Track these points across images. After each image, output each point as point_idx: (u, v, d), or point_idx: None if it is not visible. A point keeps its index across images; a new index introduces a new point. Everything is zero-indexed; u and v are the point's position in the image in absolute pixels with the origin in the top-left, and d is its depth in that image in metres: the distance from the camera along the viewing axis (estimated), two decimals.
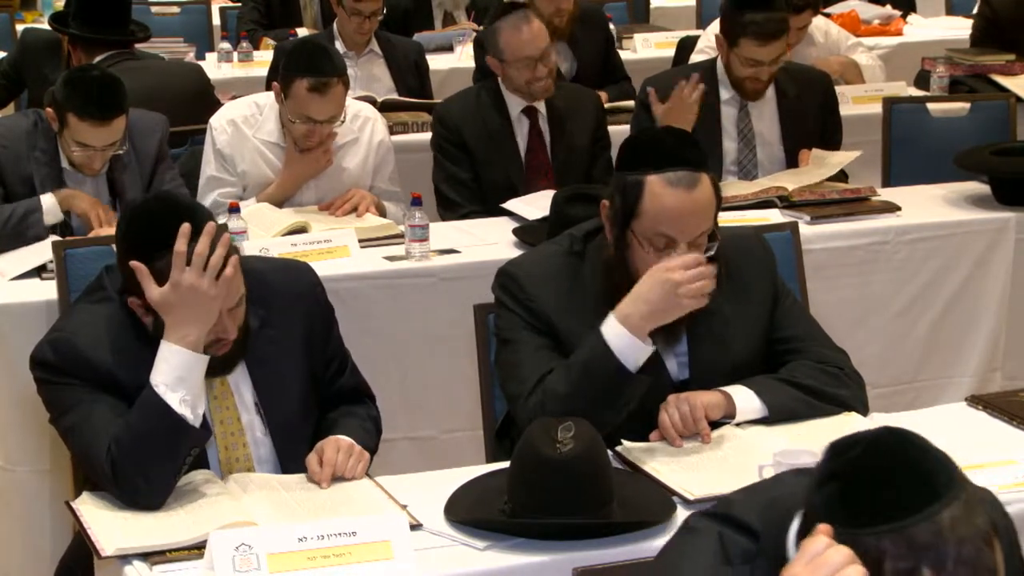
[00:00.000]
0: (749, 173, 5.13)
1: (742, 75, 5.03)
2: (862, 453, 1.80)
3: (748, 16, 4.94)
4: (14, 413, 4.01)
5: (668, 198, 3.02)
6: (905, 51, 7.59)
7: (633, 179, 3.05)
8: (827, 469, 1.81)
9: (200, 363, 2.87)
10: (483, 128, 5.01)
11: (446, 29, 7.82)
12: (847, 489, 1.78)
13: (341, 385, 3.22)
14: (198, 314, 2.86)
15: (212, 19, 8.44)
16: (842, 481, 1.79)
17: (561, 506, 2.67)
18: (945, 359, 4.88)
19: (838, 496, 1.78)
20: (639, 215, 3.05)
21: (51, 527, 4.04)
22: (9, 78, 6.40)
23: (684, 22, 8.86)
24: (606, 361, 3.00)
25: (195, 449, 2.88)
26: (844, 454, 1.81)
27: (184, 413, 2.83)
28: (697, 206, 3.03)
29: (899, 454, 1.79)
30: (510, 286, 3.20)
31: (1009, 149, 5.12)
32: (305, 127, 4.65)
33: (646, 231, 3.04)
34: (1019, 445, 3.09)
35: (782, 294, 3.30)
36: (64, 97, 4.31)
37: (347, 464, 2.95)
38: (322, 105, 4.60)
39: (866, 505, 1.75)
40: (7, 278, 4.20)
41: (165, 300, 2.85)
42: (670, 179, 3.03)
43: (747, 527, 2.02)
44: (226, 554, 2.52)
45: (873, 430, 1.84)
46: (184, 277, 2.84)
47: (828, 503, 1.78)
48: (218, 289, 2.86)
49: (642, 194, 3.04)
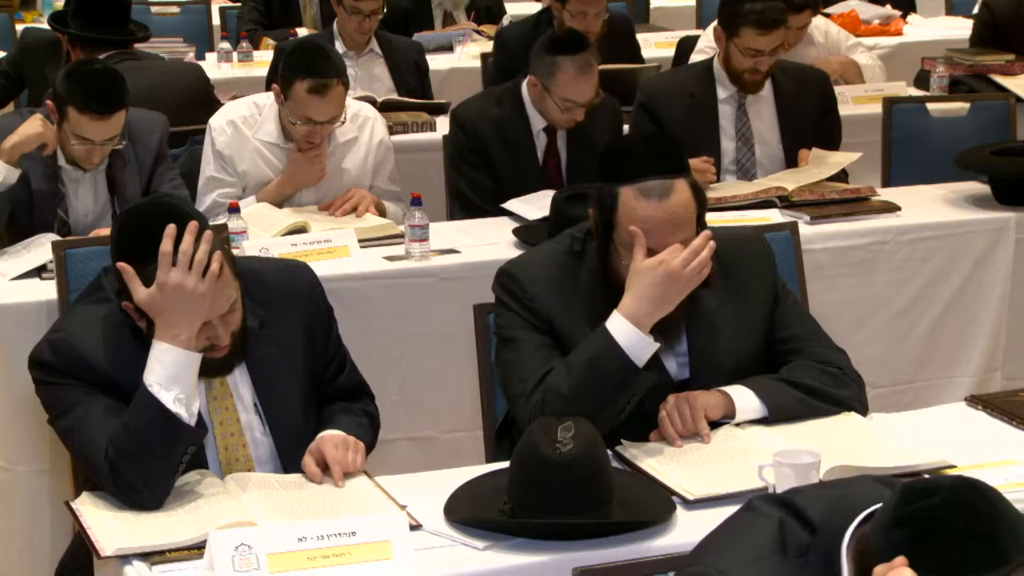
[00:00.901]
0: (748, 172, 5.13)
1: (742, 67, 5.05)
2: (937, 504, 1.80)
3: (748, 5, 4.98)
4: (14, 413, 4.01)
5: (640, 210, 3.03)
6: (905, 51, 7.59)
7: (608, 190, 3.07)
8: (899, 513, 1.82)
9: (193, 361, 2.88)
10: (503, 137, 4.98)
11: (446, 29, 7.82)
12: (917, 539, 1.79)
13: (340, 384, 3.22)
14: (187, 312, 2.85)
15: (212, 19, 8.44)
16: (913, 530, 1.79)
17: (561, 506, 2.67)
18: (945, 359, 4.88)
19: (906, 545, 1.79)
20: (616, 226, 3.06)
21: (51, 527, 4.04)
22: (9, 78, 6.39)
23: (684, 22, 8.86)
24: (614, 357, 3.01)
25: (191, 448, 2.88)
26: (917, 501, 1.81)
27: (178, 411, 2.83)
28: (669, 216, 3.03)
29: (973, 511, 1.79)
30: (510, 285, 3.20)
31: (1009, 149, 5.11)
32: (306, 128, 4.65)
33: (624, 242, 3.06)
34: (1019, 445, 3.09)
35: (782, 294, 3.30)
36: (65, 90, 4.30)
37: (347, 458, 2.96)
38: (322, 106, 4.60)
39: (934, 560, 1.76)
40: (7, 278, 4.20)
41: (152, 301, 2.85)
42: (642, 189, 3.03)
43: (807, 519, 2.02)
44: (226, 554, 2.52)
45: (950, 480, 1.84)
46: (170, 277, 2.84)
47: (894, 549, 1.79)
48: (205, 286, 2.85)
49: (616, 206, 3.05)
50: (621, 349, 3.01)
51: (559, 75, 4.82)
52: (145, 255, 2.87)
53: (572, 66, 4.81)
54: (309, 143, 4.70)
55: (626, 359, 3.01)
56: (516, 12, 8.09)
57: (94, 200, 4.47)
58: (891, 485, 2.07)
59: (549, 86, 4.85)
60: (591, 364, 3.02)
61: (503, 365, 3.20)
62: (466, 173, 5.01)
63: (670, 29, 8.04)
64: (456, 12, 8.02)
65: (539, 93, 4.89)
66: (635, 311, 3.02)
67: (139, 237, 2.90)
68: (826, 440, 2.99)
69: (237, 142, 4.77)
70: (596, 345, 3.03)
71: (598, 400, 3.00)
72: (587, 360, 3.03)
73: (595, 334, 3.04)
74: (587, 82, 4.84)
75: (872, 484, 2.06)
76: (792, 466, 2.74)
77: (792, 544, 2.01)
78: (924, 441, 3.06)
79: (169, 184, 4.58)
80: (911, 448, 2.99)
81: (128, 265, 2.87)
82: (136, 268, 2.87)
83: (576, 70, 4.81)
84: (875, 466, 2.82)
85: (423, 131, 5.86)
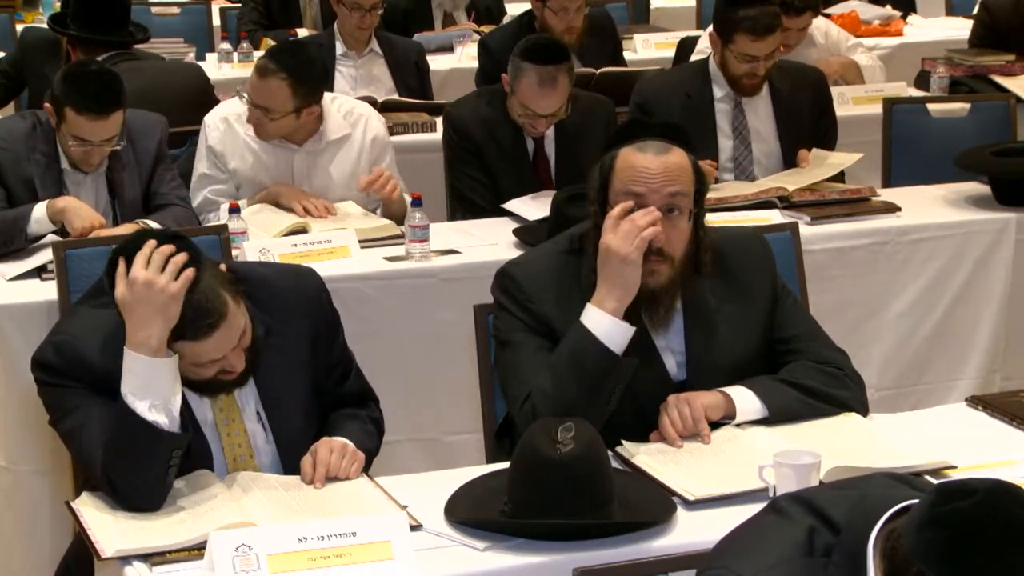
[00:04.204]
0: (745, 170, 5.13)
1: (739, 72, 5.05)
2: (974, 505, 1.80)
3: (742, 12, 4.97)
4: (15, 413, 4.01)
5: (635, 159, 3.06)
6: (905, 51, 7.60)
7: (608, 156, 3.10)
8: (935, 513, 1.82)
9: (165, 367, 2.83)
10: (493, 136, 4.97)
11: (446, 30, 7.82)
12: (950, 541, 1.79)
13: (345, 390, 3.21)
14: (155, 312, 2.79)
15: (212, 19, 8.44)
16: (947, 531, 1.80)
17: (561, 506, 2.67)
18: (946, 360, 4.88)
19: (939, 546, 1.79)
20: (611, 183, 3.07)
21: (51, 527, 4.04)
22: (9, 78, 6.40)
23: (684, 22, 8.86)
24: (590, 347, 3.01)
25: (177, 451, 2.85)
26: (953, 502, 1.82)
27: (155, 419, 2.81)
28: (666, 166, 3.06)
29: (1009, 514, 1.80)
30: (508, 287, 3.20)
31: (1009, 149, 5.11)
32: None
33: (617, 196, 3.06)
34: (1019, 445, 3.09)
35: (782, 294, 3.30)
36: (62, 92, 4.31)
37: (340, 464, 2.95)
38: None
39: (968, 559, 1.77)
40: (7, 278, 4.20)
41: (123, 299, 2.82)
42: (640, 146, 3.08)
43: (831, 521, 2.02)
44: (226, 555, 2.52)
45: (986, 483, 1.84)
46: (140, 273, 2.80)
47: (928, 549, 1.80)
48: (177, 287, 2.80)
49: (614, 164, 3.08)
50: (596, 338, 3.01)
51: (522, 80, 4.83)
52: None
53: (535, 75, 4.80)
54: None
55: (602, 347, 3.01)
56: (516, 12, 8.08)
57: (95, 202, 4.47)
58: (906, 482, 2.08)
59: (514, 88, 4.87)
60: (571, 358, 3.03)
61: (502, 368, 3.21)
62: (462, 172, 5.02)
63: (670, 29, 8.04)
64: (456, 12, 8.02)
65: (509, 92, 4.91)
66: (603, 298, 3.03)
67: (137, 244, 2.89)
68: (826, 441, 2.99)
69: (229, 139, 4.76)
70: (573, 339, 3.04)
71: (582, 392, 3.01)
72: (567, 355, 3.04)
73: (572, 329, 3.05)
74: (546, 96, 4.81)
75: (888, 482, 2.07)
76: (792, 467, 2.74)
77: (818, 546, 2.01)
78: (925, 442, 3.06)
79: (168, 185, 4.58)
80: (912, 449, 2.99)
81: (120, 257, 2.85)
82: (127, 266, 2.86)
83: (538, 80, 4.80)
84: (876, 467, 2.82)
85: (423, 131, 5.86)
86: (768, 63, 5.04)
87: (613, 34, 6.80)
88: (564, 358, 3.04)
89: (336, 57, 6.32)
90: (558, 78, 4.81)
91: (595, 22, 6.55)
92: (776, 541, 2.04)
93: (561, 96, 4.84)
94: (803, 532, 2.03)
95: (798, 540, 2.02)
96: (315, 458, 2.95)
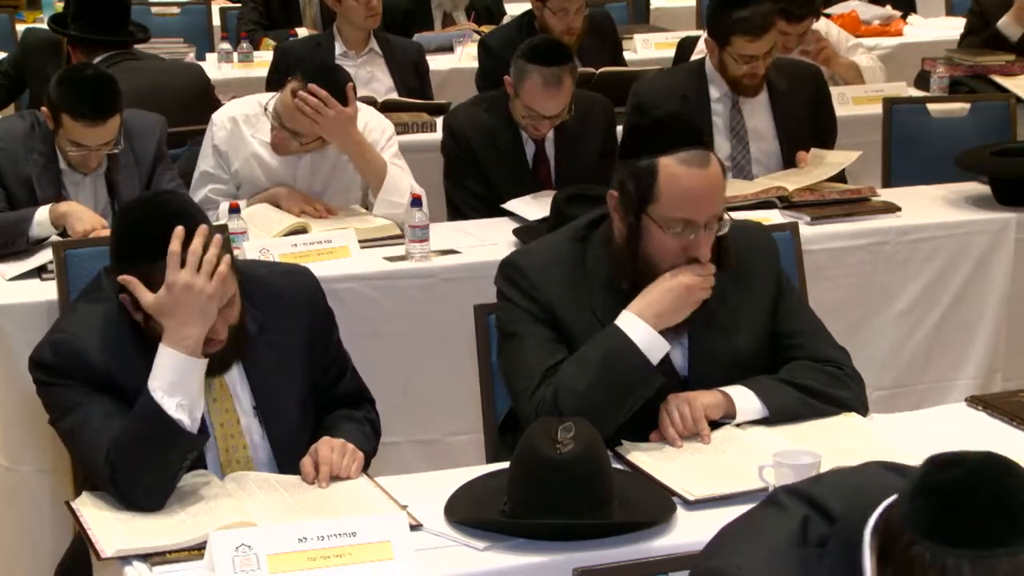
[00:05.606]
0: (744, 169, 5.13)
1: (739, 73, 5.05)
2: (965, 474, 1.81)
3: (736, 13, 4.97)
4: (15, 413, 4.01)
5: (685, 179, 3.02)
6: (905, 51, 7.59)
7: (646, 163, 3.04)
8: (926, 481, 1.83)
9: (197, 367, 2.87)
10: (492, 142, 4.97)
11: (446, 30, 7.82)
12: (941, 506, 1.79)
13: (341, 389, 3.21)
14: (196, 314, 2.84)
15: (212, 19, 8.44)
16: (939, 497, 1.80)
17: (561, 506, 2.67)
18: (946, 360, 4.88)
19: (931, 511, 1.79)
20: (656, 199, 3.03)
21: (51, 527, 4.04)
22: (10, 78, 6.40)
23: (684, 22, 8.86)
24: (630, 355, 3.01)
25: (192, 453, 2.87)
26: (946, 471, 1.83)
27: (180, 418, 2.82)
28: (712, 184, 3.05)
29: (1000, 484, 1.80)
30: (514, 276, 3.18)
31: (1009, 149, 5.11)
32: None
33: (664, 215, 3.03)
34: (1019, 445, 3.09)
35: (786, 288, 3.29)
36: (58, 97, 4.30)
37: (341, 463, 2.95)
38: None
39: (957, 527, 1.77)
40: (7, 278, 4.20)
41: (161, 304, 2.84)
42: (683, 159, 3.03)
43: (827, 511, 2.03)
44: (226, 555, 2.52)
45: (979, 453, 1.85)
46: (179, 277, 2.83)
47: (919, 514, 1.80)
48: (213, 287, 2.85)
49: (657, 177, 3.03)
50: (637, 347, 3.01)
51: (527, 82, 4.82)
52: (145, 257, 2.86)
53: (540, 77, 4.79)
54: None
55: (643, 357, 3.01)
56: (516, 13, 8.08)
57: (94, 203, 4.46)
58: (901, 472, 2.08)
59: (518, 91, 4.86)
60: (606, 361, 3.02)
61: (506, 360, 3.19)
62: (458, 182, 5.02)
63: (670, 29, 8.04)
64: (456, 13, 8.02)
65: (512, 95, 4.90)
66: (649, 313, 3.03)
67: (139, 238, 2.90)
68: (826, 441, 2.99)
69: (235, 139, 4.76)
70: (610, 343, 3.03)
71: (610, 397, 3.00)
72: (601, 357, 3.03)
73: (606, 332, 3.04)
74: (552, 97, 4.81)
75: (884, 473, 2.07)
76: (792, 467, 2.74)
77: (812, 537, 2.02)
78: (925, 442, 3.05)
79: (168, 185, 4.57)
80: (912, 449, 2.98)
81: (131, 276, 2.86)
82: (137, 272, 2.86)
83: (542, 81, 4.79)
84: None
85: (423, 131, 5.86)
86: (766, 61, 5.04)
87: (613, 34, 6.80)
88: (598, 360, 3.03)
89: (335, 57, 6.32)
90: (563, 79, 4.81)
91: (595, 22, 6.54)
92: (771, 532, 2.04)
93: (566, 97, 4.84)
94: (797, 523, 2.03)
95: (792, 531, 2.03)
96: (316, 458, 2.95)
